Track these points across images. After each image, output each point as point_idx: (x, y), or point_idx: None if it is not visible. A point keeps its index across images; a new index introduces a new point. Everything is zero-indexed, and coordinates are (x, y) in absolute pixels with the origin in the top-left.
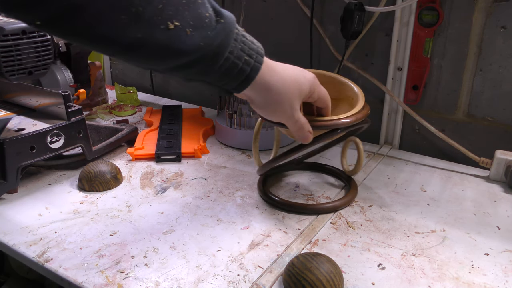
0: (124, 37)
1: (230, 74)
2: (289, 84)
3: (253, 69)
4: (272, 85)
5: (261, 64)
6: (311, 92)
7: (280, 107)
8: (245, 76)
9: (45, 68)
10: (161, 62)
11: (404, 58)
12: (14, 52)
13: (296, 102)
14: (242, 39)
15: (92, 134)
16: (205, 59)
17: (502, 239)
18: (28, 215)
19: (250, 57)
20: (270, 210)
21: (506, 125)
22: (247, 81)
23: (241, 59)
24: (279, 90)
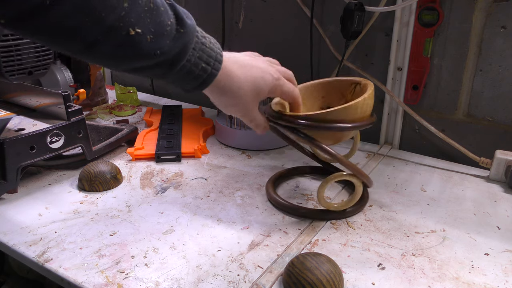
0: (85, 38)
1: (187, 79)
2: (245, 90)
3: (209, 75)
4: (227, 90)
5: (218, 70)
6: (272, 92)
7: (234, 108)
8: (202, 81)
9: (45, 68)
10: (121, 64)
11: (404, 58)
12: (14, 52)
13: (251, 104)
14: (201, 47)
15: (92, 134)
16: (164, 64)
17: (502, 239)
18: (28, 215)
19: (208, 65)
20: (270, 210)
21: (506, 125)
22: (203, 86)
23: (198, 67)
24: (234, 95)
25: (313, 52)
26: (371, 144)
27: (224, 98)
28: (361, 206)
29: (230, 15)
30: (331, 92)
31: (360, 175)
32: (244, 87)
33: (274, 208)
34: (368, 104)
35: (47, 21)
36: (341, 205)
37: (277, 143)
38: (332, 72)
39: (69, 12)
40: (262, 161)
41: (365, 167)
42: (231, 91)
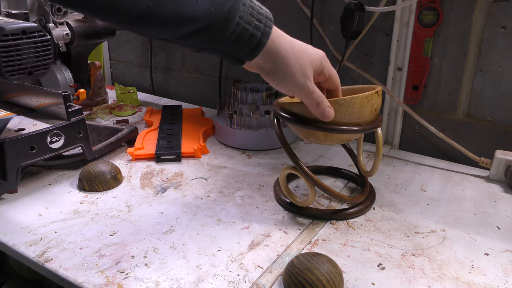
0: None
1: (242, 40)
2: (299, 50)
3: (263, 34)
4: (282, 49)
5: (270, 28)
6: (321, 67)
7: (290, 72)
8: (257, 42)
9: (45, 68)
10: (172, 31)
11: (404, 58)
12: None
13: (308, 70)
14: (251, 3)
15: (92, 134)
16: (216, 25)
17: (502, 239)
18: (28, 215)
19: (260, 22)
20: (270, 210)
21: (506, 125)
22: (258, 47)
23: (251, 24)
24: (289, 55)
25: None
26: (371, 144)
27: (279, 59)
28: (366, 207)
29: None
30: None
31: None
32: (297, 48)
33: (274, 208)
34: (364, 107)
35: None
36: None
37: (277, 143)
38: None
39: None
40: (262, 161)
41: (365, 167)
42: (285, 51)
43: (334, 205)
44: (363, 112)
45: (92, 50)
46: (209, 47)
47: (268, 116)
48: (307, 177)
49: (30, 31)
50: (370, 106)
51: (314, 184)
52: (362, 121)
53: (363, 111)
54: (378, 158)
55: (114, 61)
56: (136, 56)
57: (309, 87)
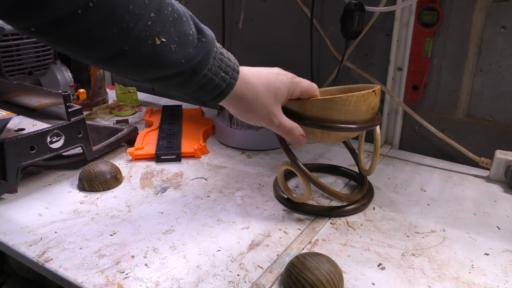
0: (111, 48)
1: (207, 88)
2: (262, 92)
3: (228, 85)
4: (244, 96)
5: (235, 80)
6: (290, 93)
7: (255, 114)
8: (221, 91)
9: (45, 68)
10: (143, 73)
11: (404, 58)
12: (14, 52)
13: (273, 108)
14: (220, 57)
15: (92, 134)
16: (185, 73)
17: (502, 239)
18: (28, 215)
19: (227, 74)
20: (270, 210)
21: (506, 125)
22: (222, 96)
23: (218, 76)
24: (251, 100)
25: (313, 52)
26: (371, 144)
27: (243, 106)
28: (363, 204)
29: (230, 15)
30: None
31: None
32: (260, 90)
33: (274, 208)
34: (360, 105)
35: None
36: (301, 198)
37: (277, 143)
38: (332, 72)
39: (98, 23)
40: (262, 161)
41: (365, 166)
42: (248, 97)
43: (335, 204)
44: (359, 111)
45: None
46: (175, 90)
47: None
48: (301, 173)
49: None
50: (367, 105)
51: (309, 180)
52: (358, 120)
53: (359, 109)
54: (376, 157)
55: None
56: None
57: (275, 123)
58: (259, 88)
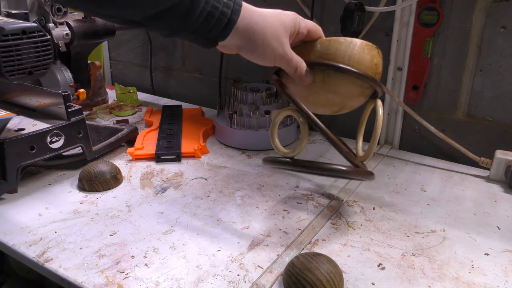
0: None
1: (212, 18)
2: (271, 20)
3: (233, 12)
4: (254, 24)
5: (240, 6)
6: (296, 26)
7: (268, 46)
8: (227, 19)
9: (45, 68)
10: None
11: (404, 58)
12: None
13: (283, 38)
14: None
15: (92, 134)
16: (184, 3)
17: (502, 239)
18: (28, 215)
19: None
20: (270, 210)
21: (506, 125)
22: (229, 25)
23: (220, 2)
24: (263, 28)
25: None
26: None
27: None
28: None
29: None
30: None
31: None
32: (268, 17)
33: (274, 208)
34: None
35: None
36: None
37: None
38: None
39: None
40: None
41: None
42: (259, 25)
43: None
44: (363, 59)
45: (92, 50)
46: (179, 29)
47: (268, 116)
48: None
49: (30, 31)
50: (371, 57)
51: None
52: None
53: (362, 57)
54: (374, 140)
55: (114, 61)
56: (136, 56)
57: (287, 54)
58: (266, 15)
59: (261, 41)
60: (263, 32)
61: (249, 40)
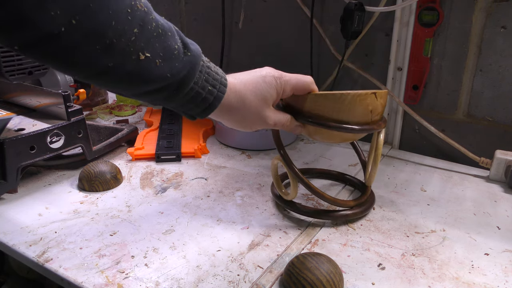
0: (96, 65)
1: (194, 102)
2: (250, 100)
3: (215, 98)
4: (233, 107)
5: (223, 93)
6: (279, 94)
7: (247, 122)
8: (208, 104)
9: (45, 68)
10: (129, 88)
11: (404, 58)
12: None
13: (264, 112)
14: (207, 70)
15: (92, 134)
16: (171, 87)
17: (502, 239)
18: (28, 215)
19: (214, 87)
20: (270, 210)
21: (506, 125)
22: (210, 109)
23: (205, 89)
24: (242, 110)
25: (313, 52)
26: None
27: (233, 116)
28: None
29: (230, 15)
30: None
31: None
32: (248, 97)
33: (274, 208)
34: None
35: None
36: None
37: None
38: (332, 72)
39: (81, 40)
40: (262, 161)
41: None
42: (236, 106)
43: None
44: (354, 111)
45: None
46: (163, 104)
47: None
48: (289, 169)
49: None
50: (363, 107)
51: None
52: (352, 121)
53: (354, 110)
54: (375, 166)
55: None
56: None
57: (270, 123)
58: (246, 95)
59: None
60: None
61: (227, 119)
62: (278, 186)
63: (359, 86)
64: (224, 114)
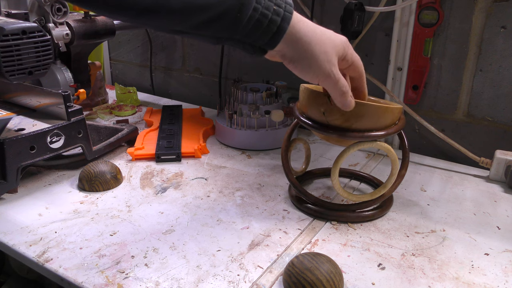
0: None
1: (261, 26)
2: (322, 36)
3: (284, 19)
4: (304, 35)
5: (291, 13)
6: (344, 52)
7: (315, 59)
8: (277, 28)
9: (45, 68)
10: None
11: (404, 58)
12: (14, 52)
13: (332, 56)
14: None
15: (92, 134)
16: (231, 11)
17: (502, 239)
18: (28, 215)
19: (279, 7)
20: (270, 210)
21: (506, 125)
22: (279, 33)
23: (270, 9)
24: (312, 41)
25: None
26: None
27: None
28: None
29: None
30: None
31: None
32: (319, 33)
33: (274, 208)
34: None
35: None
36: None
37: (277, 143)
38: None
39: None
40: (262, 161)
41: (365, 167)
42: (308, 36)
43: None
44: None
45: (92, 50)
46: (227, 37)
47: (268, 116)
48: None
49: (30, 31)
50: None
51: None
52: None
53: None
54: (390, 179)
55: (114, 61)
56: (136, 56)
57: (335, 75)
58: (317, 30)
59: (309, 54)
60: (311, 45)
61: (296, 50)
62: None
63: None
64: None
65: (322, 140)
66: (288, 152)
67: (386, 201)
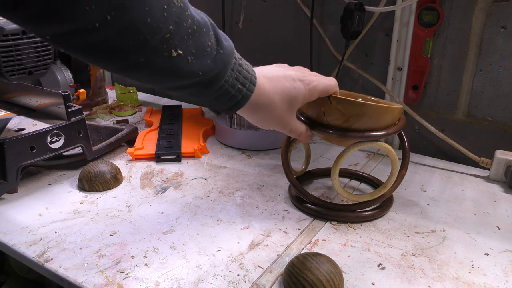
0: (127, 59)
1: (222, 99)
2: (277, 103)
3: (244, 97)
4: (259, 107)
5: (251, 92)
6: (305, 100)
7: (269, 122)
8: (236, 102)
9: (45, 68)
10: (159, 83)
11: (404, 58)
12: (14, 52)
13: (286, 117)
14: (238, 68)
15: (92, 134)
16: (201, 84)
17: (502, 239)
18: (28, 215)
19: (243, 86)
20: (270, 210)
21: (506, 125)
22: (236, 107)
23: (234, 87)
24: (266, 111)
25: (313, 52)
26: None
27: (258, 115)
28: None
29: (230, 15)
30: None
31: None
32: (275, 100)
33: (274, 208)
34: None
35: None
36: (362, 197)
37: (277, 143)
38: (332, 72)
39: (115, 35)
40: (262, 161)
41: (365, 167)
42: (263, 107)
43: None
44: (384, 120)
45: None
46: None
47: None
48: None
49: None
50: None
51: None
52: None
53: (383, 119)
54: (393, 174)
55: None
56: None
57: (287, 129)
58: (274, 98)
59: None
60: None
61: (252, 117)
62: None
63: (359, 86)
64: (249, 112)
65: (322, 140)
66: (288, 152)
67: (386, 201)
